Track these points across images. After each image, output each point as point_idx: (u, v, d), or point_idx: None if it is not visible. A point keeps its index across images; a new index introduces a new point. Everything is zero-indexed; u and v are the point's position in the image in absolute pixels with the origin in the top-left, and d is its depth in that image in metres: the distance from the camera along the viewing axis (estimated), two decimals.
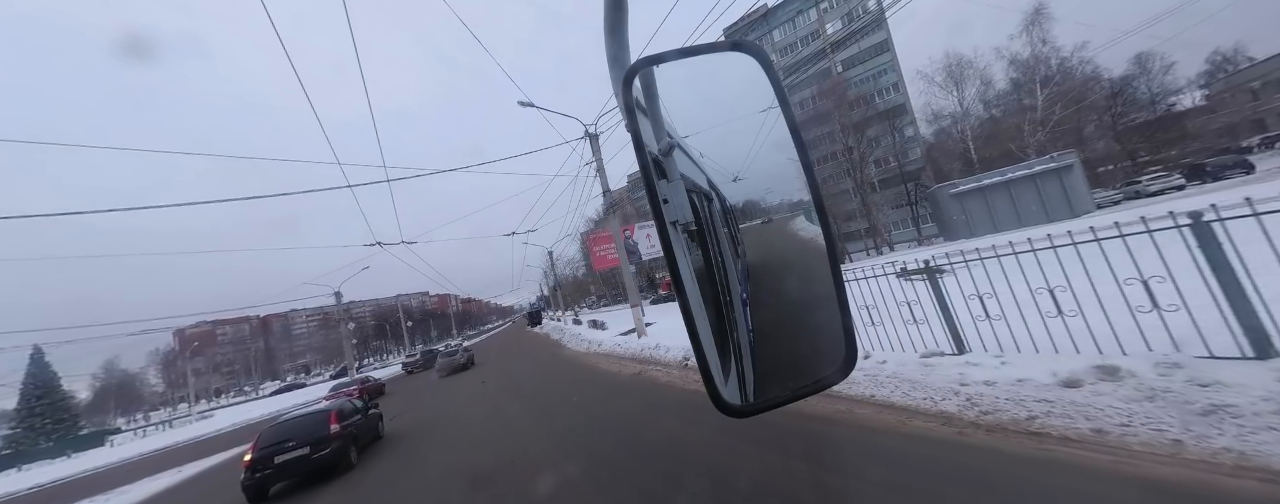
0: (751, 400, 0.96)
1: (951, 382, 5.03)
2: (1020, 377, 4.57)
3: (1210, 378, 3.58)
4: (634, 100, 0.85)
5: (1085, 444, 3.48)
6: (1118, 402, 3.76)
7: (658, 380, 10.02)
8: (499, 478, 6.12)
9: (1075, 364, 4.36)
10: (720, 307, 1.07)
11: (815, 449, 4.59)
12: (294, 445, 8.94)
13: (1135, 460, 3.14)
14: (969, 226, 31.51)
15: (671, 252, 0.75)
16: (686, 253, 0.86)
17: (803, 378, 0.87)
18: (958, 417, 4.43)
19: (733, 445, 4.98)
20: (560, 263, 71.46)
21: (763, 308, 1.46)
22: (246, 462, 8.79)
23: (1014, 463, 3.45)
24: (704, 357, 0.72)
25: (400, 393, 24.79)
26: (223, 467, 15.10)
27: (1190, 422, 3.30)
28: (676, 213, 0.87)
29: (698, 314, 0.76)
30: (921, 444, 4.13)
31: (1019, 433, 3.87)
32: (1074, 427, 3.70)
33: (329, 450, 9.04)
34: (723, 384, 0.75)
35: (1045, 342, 5.00)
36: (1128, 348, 4.37)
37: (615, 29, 1.03)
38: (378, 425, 12.13)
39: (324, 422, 9.52)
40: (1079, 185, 29.25)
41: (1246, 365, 3.62)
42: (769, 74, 0.92)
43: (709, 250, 1.13)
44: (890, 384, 5.55)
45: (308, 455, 8.88)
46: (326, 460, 8.99)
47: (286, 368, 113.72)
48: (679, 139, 1.09)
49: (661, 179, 0.87)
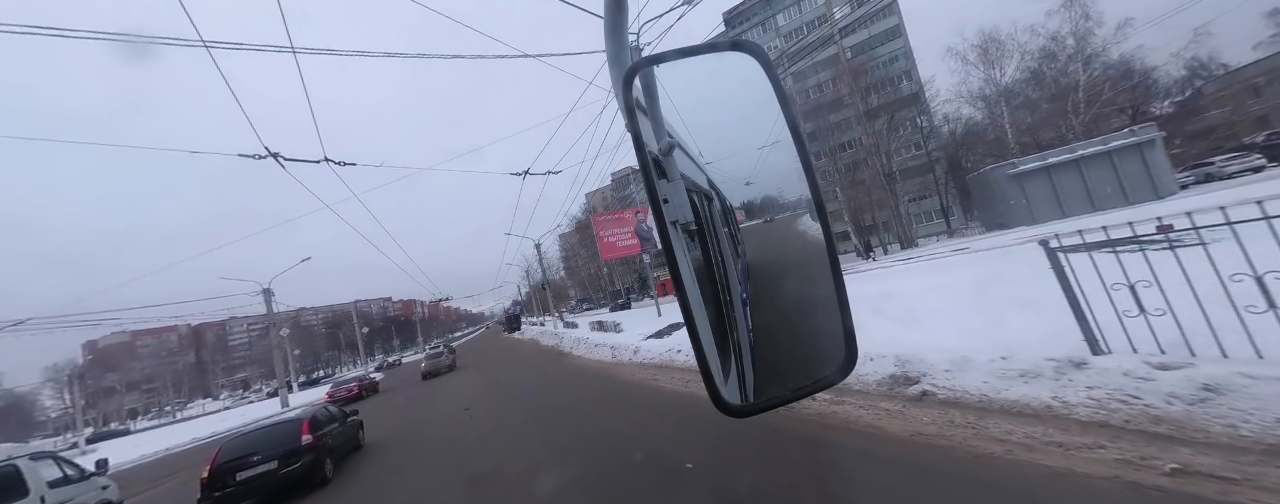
0: (751, 400, 0.96)
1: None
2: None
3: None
4: (634, 100, 0.85)
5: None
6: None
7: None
8: (495, 479, 6.10)
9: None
10: (720, 306, 1.07)
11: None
12: (259, 459, 7.97)
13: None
14: (1030, 211, 27.53)
15: (672, 251, 0.75)
16: (686, 253, 0.86)
17: (803, 378, 0.88)
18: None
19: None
20: (537, 268, 69.51)
21: (763, 308, 1.46)
22: (204, 479, 7.83)
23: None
24: (704, 357, 0.72)
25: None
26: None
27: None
28: (677, 213, 0.87)
29: (698, 314, 0.76)
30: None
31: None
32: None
33: (300, 464, 8.06)
34: (723, 384, 0.75)
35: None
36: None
37: (615, 29, 1.03)
38: (357, 434, 11.17)
39: (294, 432, 8.49)
40: (1162, 164, 25.63)
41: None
42: (769, 73, 0.92)
43: (709, 250, 1.14)
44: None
45: (275, 470, 7.91)
46: (297, 475, 8.01)
47: (222, 383, 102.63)
48: (679, 139, 1.09)
49: (662, 179, 0.87)
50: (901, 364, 5.85)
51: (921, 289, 11.17)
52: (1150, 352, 4.20)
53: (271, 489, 7.88)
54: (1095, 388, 4.10)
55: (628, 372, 12.33)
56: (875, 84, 44.85)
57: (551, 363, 18.92)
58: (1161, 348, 4.16)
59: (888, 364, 5.97)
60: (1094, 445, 3.50)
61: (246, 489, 7.79)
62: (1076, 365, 4.43)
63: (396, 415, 15.49)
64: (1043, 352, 4.80)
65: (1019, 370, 4.76)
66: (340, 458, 9.67)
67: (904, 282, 14.28)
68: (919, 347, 5.98)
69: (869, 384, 5.94)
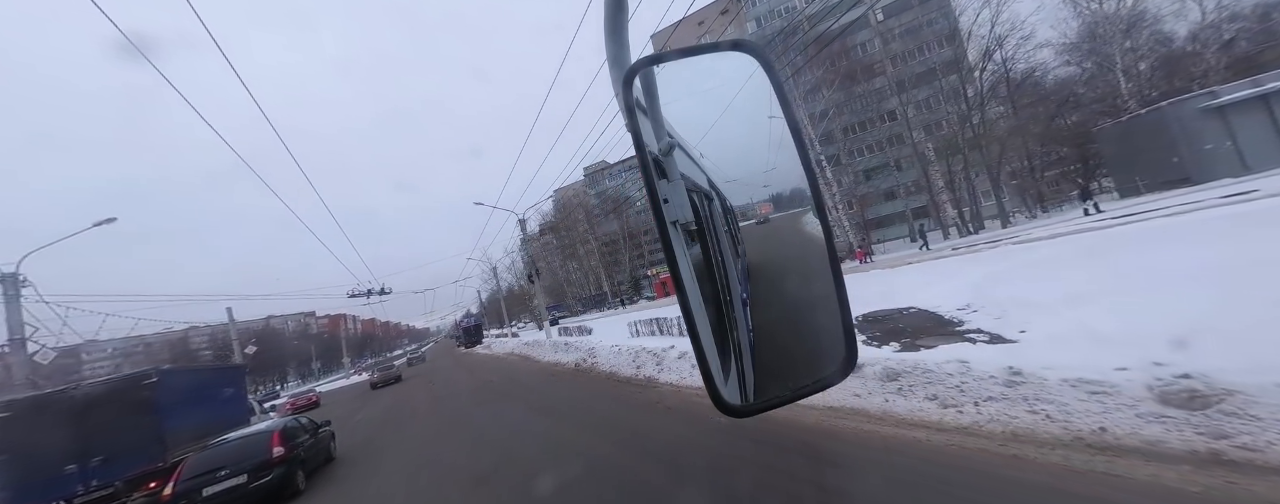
0: (751, 400, 0.96)
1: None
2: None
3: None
4: (634, 100, 0.85)
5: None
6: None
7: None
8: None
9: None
10: (720, 306, 1.07)
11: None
12: (227, 473, 7.69)
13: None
14: (1238, 157, 20.06)
15: (672, 251, 0.75)
16: (686, 253, 0.86)
17: (803, 378, 0.88)
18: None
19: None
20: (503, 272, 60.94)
21: (763, 308, 1.46)
22: (165, 496, 7.55)
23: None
24: (704, 357, 0.73)
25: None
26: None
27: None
28: (677, 213, 0.87)
29: (698, 314, 0.76)
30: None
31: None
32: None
33: (271, 477, 7.86)
34: (723, 384, 0.75)
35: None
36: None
37: (615, 29, 1.03)
38: (330, 446, 11.08)
39: (265, 444, 8.29)
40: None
41: None
42: (769, 73, 0.92)
43: (709, 250, 1.14)
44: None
45: (245, 484, 7.67)
46: (268, 489, 7.80)
47: None
48: (679, 139, 1.10)
49: (662, 179, 0.87)
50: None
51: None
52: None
53: (237, 500, 7.62)
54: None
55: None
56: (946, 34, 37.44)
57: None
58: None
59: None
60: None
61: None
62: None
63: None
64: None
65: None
66: (312, 470, 9.45)
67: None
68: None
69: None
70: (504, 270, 55.67)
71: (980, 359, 5.21)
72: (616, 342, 15.76)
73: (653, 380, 10.57)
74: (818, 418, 5.56)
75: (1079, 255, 8.80)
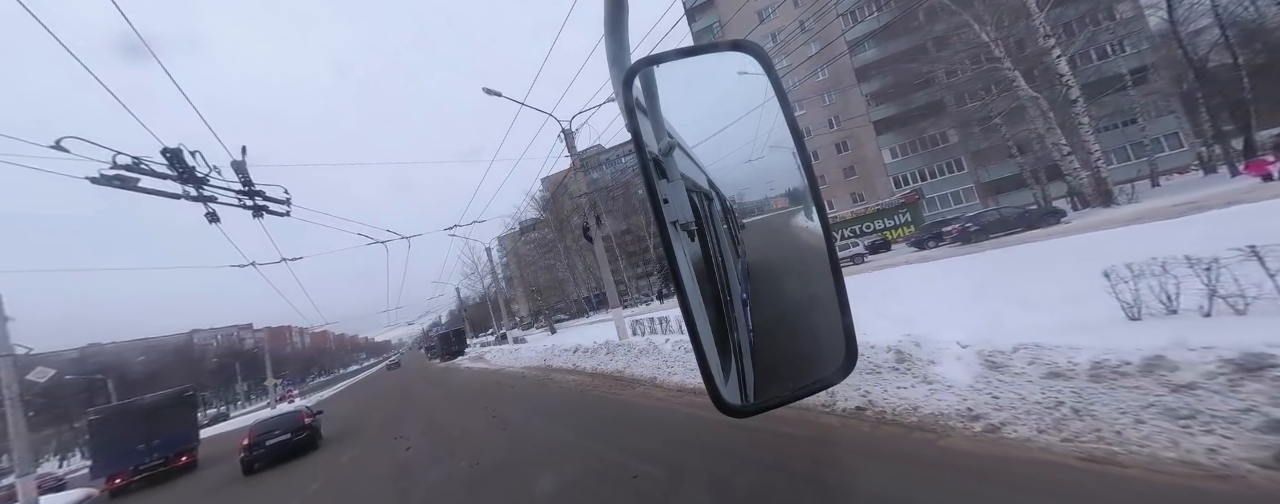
0: (752, 400, 0.96)
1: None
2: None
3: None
4: (634, 100, 0.85)
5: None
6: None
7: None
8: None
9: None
10: (720, 306, 1.07)
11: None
12: (279, 432, 13.23)
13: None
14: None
15: (671, 251, 0.75)
16: (686, 253, 0.86)
17: (803, 378, 0.88)
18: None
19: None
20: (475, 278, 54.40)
21: (763, 308, 1.46)
22: (243, 444, 12.84)
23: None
24: (704, 356, 0.73)
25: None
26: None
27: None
28: (677, 213, 0.87)
29: (698, 314, 0.76)
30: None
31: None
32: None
33: (305, 435, 13.47)
34: (723, 384, 0.75)
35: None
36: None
37: (615, 29, 1.03)
38: (320, 429, 15.52)
39: (298, 417, 14.08)
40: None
41: None
42: (769, 73, 0.92)
43: (709, 250, 1.14)
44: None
45: (290, 439, 13.13)
46: (304, 441, 13.38)
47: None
48: (679, 139, 1.09)
49: (662, 179, 0.87)
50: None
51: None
52: None
53: (288, 449, 12.96)
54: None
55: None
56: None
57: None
58: None
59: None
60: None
61: (273, 449, 12.83)
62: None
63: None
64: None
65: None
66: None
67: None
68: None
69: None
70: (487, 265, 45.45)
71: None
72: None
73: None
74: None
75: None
